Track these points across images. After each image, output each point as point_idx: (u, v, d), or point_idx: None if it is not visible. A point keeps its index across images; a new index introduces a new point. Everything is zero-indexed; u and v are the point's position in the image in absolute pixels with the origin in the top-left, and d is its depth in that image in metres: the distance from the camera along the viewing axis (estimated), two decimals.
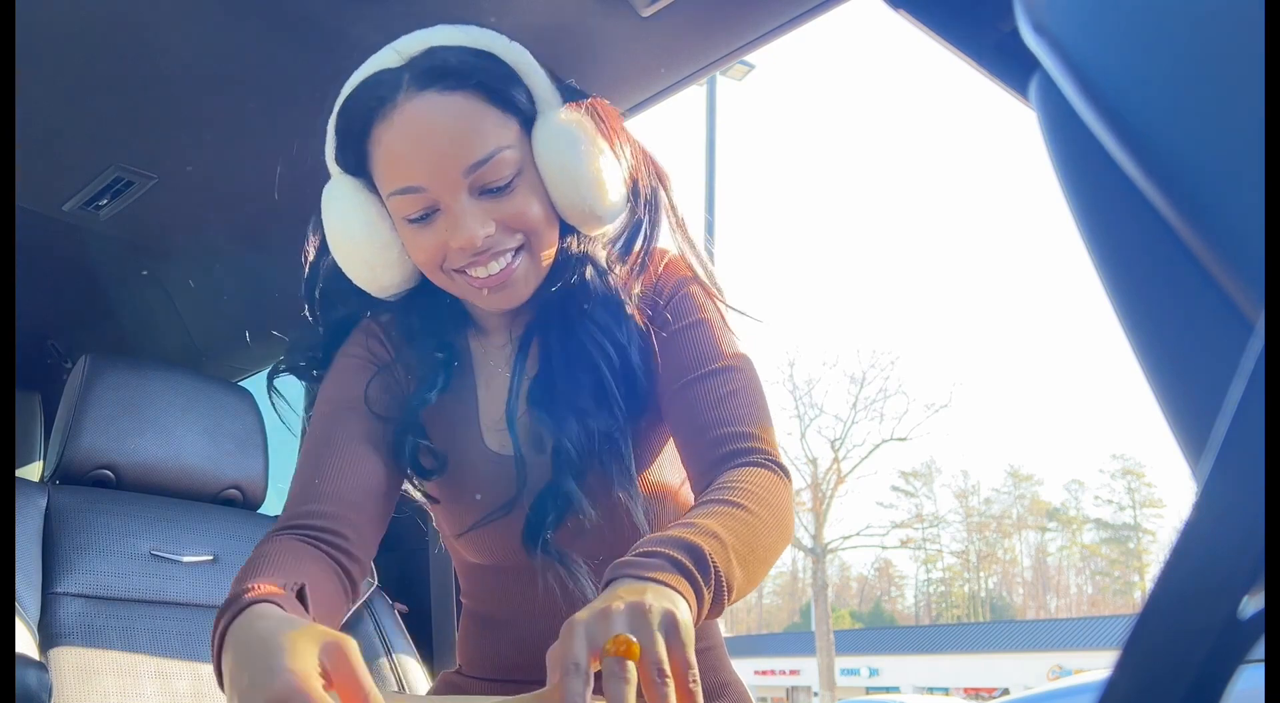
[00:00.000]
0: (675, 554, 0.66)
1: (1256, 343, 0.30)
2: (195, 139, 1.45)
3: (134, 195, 1.58)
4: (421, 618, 1.68)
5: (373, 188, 0.88)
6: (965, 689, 23.82)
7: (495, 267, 0.85)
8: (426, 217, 0.84)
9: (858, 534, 25.27)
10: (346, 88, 0.87)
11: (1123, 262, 0.41)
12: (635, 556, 0.67)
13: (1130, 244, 0.40)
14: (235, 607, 0.68)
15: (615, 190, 0.87)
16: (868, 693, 23.92)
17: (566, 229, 0.90)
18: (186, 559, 1.42)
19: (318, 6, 1.17)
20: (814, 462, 23.39)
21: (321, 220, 0.91)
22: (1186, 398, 0.38)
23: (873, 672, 26.56)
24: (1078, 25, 0.40)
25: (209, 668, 1.38)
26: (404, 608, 1.58)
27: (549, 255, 0.88)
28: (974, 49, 0.83)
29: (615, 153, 0.88)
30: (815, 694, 23.44)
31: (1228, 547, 0.30)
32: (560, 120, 0.85)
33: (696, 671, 0.59)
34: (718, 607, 0.69)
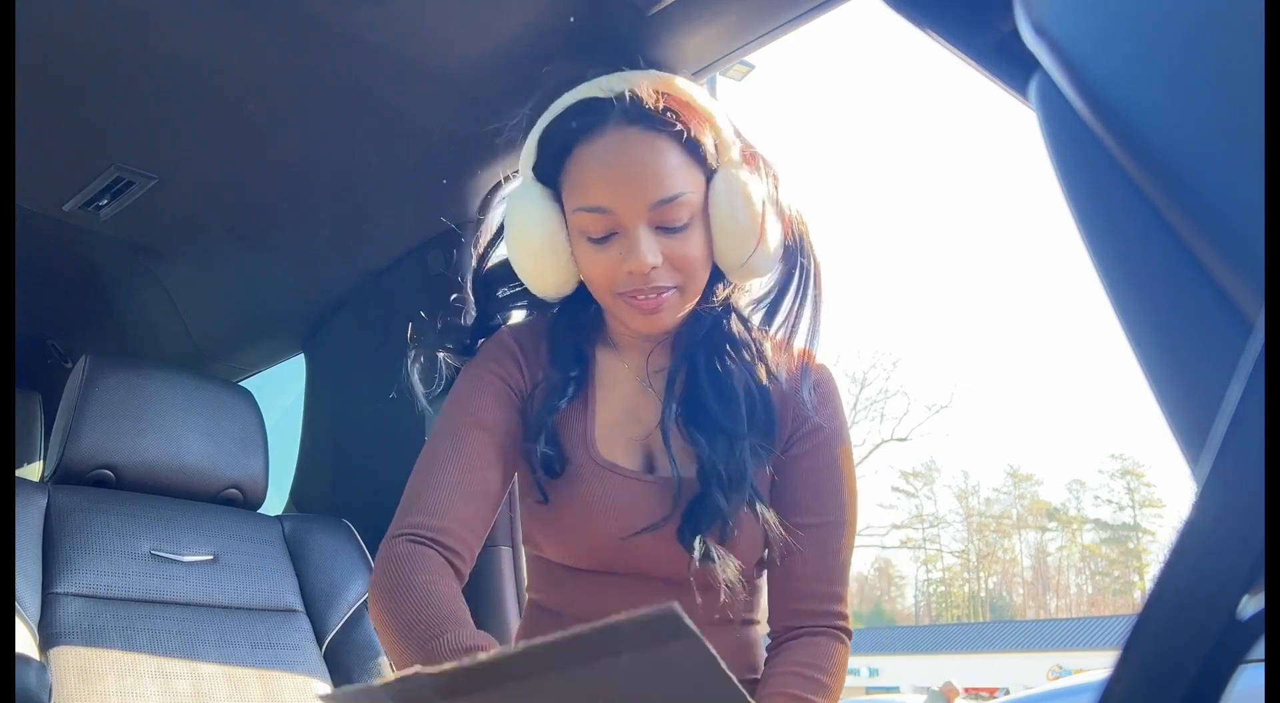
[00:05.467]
0: None
1: (1256, 343, 0.30)
2: (195, 139, 1.45)
3: (134, 195, 1.59)
4: None
5: (557, 198, 0.97)
6: (965, 689, 23.79)
7: (652, 293, 0.94)
8: (606, 239, 0.93)
9: (858, 534, 25.23)
10: (552, 109, 0.96)
11: (1123, 261, 0.41)
12: None
13: (1130, 244, 0.40)
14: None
15: (773, 251, 0.96)
16: (868, 693, 23.90)
17: (717, 274, 0.98)
18: (186, 559, 1.42)
19: (318, 6, 1.16)
20: None
21: (505, 216, 1.01)
22: (1186, 398, 0.38)
23: (872, 672, 26.54)
24: (1078, 25, 0.40)
25: (209, 668, 1.38)
26: None
27: (696, 294, 0.97)
28: (974, 49, 0.83)
29: (779, 214, 0.97)
30: None
31: (1227, 547, 0.30)
32: (737, 178, 0.94)
33: None
34: None
